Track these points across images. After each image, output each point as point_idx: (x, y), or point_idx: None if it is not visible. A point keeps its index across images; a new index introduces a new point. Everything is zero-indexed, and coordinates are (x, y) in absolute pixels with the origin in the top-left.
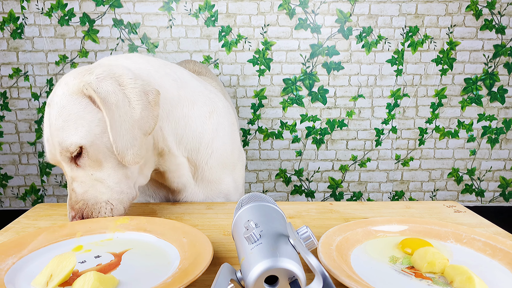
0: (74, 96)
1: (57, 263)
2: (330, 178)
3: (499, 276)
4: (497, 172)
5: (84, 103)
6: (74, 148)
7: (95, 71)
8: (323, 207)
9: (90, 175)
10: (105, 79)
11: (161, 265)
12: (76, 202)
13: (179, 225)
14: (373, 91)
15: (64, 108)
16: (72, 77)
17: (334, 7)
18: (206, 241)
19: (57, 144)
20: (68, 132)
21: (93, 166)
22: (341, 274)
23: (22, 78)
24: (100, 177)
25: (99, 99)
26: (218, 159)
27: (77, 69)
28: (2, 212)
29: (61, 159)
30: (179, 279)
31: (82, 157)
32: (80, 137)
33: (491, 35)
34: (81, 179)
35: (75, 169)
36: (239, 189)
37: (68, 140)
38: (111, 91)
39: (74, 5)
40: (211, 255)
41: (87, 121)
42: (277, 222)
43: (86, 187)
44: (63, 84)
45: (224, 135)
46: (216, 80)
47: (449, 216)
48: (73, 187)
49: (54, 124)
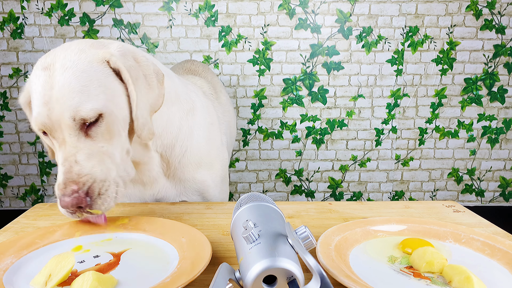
0: (95, 63)
1: (56, 263)
2: (330, 178)
3: (497, 275)
4: (497, 172)
5: (106, 72)
6: (93, 113)
7: (112, 45)
8: (322, 207)
9: (99, 147)
10: (126, 54)
11: (160, 265)
12: (80, 175)
13: (178, 225)
14: (373, 91)
15: (83, 72)
16: (87, 45)
17: (334, 7)
18: (205, 241)
19: (68, 107)
20: (88, 96)
21: (105, 138)
22: (340, 274)
23: (22, 78)
24: (110, 151)
25: (127, 72)
26: (192, 159)
27: (88, 40)
28: (2, 212)
29: (68, 126)
30: (177, 279)
31: (97, 126)
32: (102, 104)
33: (491, 35)
34: (89, 151)
35: (82, 139)
36: (217, 187)
37: (89, 104)
38: (133, 66)
39: (74, 5)
40: (210, 255)
41: (109, 89)
42: (276, 222)
43: (94, 160)
44: (78, 51)
45: (199, 135)
46: (213, 80)
47: (448, 216)
48: (77, 158)
49: (67, 86)
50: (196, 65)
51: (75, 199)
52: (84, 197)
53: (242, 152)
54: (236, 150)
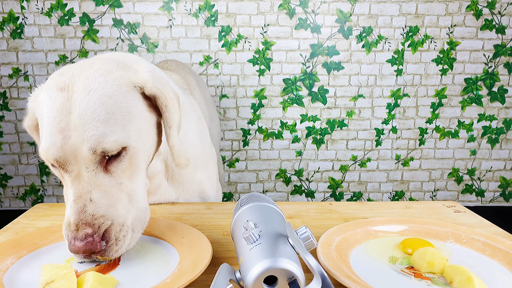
0: (124, 87)
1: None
2: (330, 178)
3: (498, 276)
4: (497, 172)
5: (135, 98)
6: (117, 147)
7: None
8: (322, 207)
9: (118, 185)
10: (158, 77)
11: (160, 265)
12: (95, 217)
13: (178, 225)
14: (373, 91)
15: (111, 97)
16: (113, 66)
17: (334, 7)
18: (205, 241)
19: (90, 137)
20: (113, 126)
21: (126, 174)
22: (341, 274)
23: (22, 78)
24: (130, 189)
25: (165, 98)
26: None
27: (109, 58)
28: (2, 212)
29: (85, 158)
30: (178, 279)
31: (119, 160)
32: (128, 135)
33: (491, 35)
34: (106, 188)
35: (101, 175)
36: (214, 186)
37: (113, 136)
38: (168, 90)
39: (74, 5)
40: (210, 255)
41: (138, 118)
42: (276, 222)
43: (112, 199)
44: (105, 72)
45: (192, 135)
46: (186, 77)
47: (449, 216)
48: (92, 196)
49: (90, 113)
50: (169, 64)
51: (89, 244)
52: (99, 241)
53: (242, 152)
54: (236, 150)
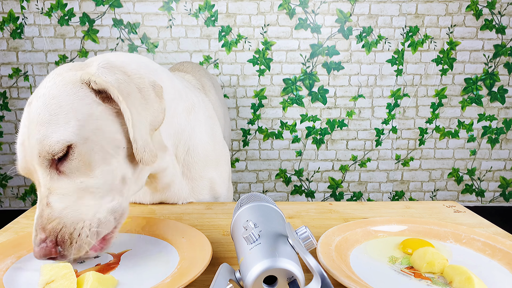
0: (69, 85)
1: (55, 278)
2: (330, 178)
3: (498, 276)
4: (497, 172)
5: (82, 93)
6: (60, 146)
7: (94, 62)
8: (322, 207)
9: (77, 184)
10: (112, 68)
11: (160, 265)
12: (50, 220)
13: (178, 225)
14: (373, 91)
15: (53, 99)
16: (66, 69)
17: (334, 7)
18: (205, 241)
19: (36, 143)
20: (55, 126)
21: (83, 172)
22: (340, 274)
23: (22, 78)
24: (91, 185)
25: (114, 88)
26: (196, 157)
27: (69, 64)
28: (2, 212)
29: (38, 165)
30: (178, 279)
31: (69, 159)
32: (71, 133)
33: (491, 35)
34: (63, 190)
35: (55, 178)
36: (225, 184)
37: (54, 136)
38: (122, 80)
39: (74, 5)
40: (210, 255)
41: (83, 114)
42: (276, 222)
43: (68, 201)
44: (54, 75)
45: (201, 132)
46: (201, 79)
47: (449, 216)
48: (49, 201)
49: (36, 119)
50: (185, 65)
51: (43, 250)
52: (53, 246)
53: (242, 152)
54: (236, 150)
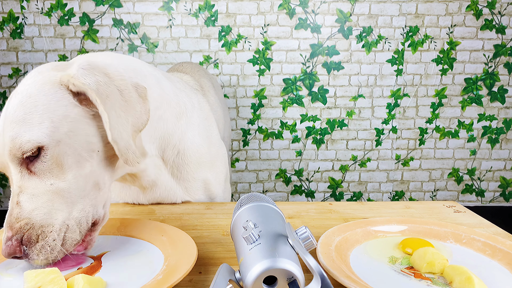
0: (47, 85)
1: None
2: (330, 178)
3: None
4: (497, 172)
5: (59, 95)
6: (30, 146)
7: (75, 63)
8: (322, 207)
9: (48, 186)
10: (92, 70)
11: (144, 264)
12: (18, 219)
13: (155, 224)
14: (373, 91)
15: (30, 98)
16: (47, 68)
17: (334, 7)
18: (185, 236)
19: (8, 141)
20: (28, 125)
21: (54, 173)
22: (340, 275)
23: (22, 78)
24: (61, 189)
25: (92, 91)
26: (188, 159)
27: (52, 62)
28: (2, 212)
29: (10, 161)
30: (170, 275)
31: (40, 160)
32: (44, 134)
33: (491, 35)
34: (33, 190)
35: (26, 177)
36: (221, 185)
37: (26, 135)
38: (102, 82)
39: (74, 5)
40: (195, 248)
41: (58, 115)
42: (276, 222)
43: (37, 202)
44: (35, 73)
45: (194, 135)
46: (200, 79)
47: (449, 216)
48: (19, 199)
49: (11, 115)
50: (184, 66)
51: (7, 248)
52: (17, 245)
53: (242, 152)
54: (236, 150)
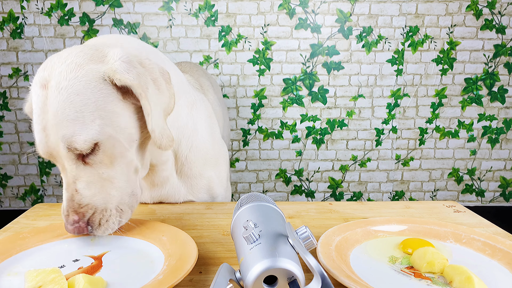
0: (93, 82)
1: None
2: (330, 178)
3: (498, 276)
4: (498, 172)
5: (106, 91)
6: (88, 145)
7: (112, 54)
8: (322, 207)
9: (99, 174)
10: (131, 62)
11: (145, 264)
12: (81, 205)
13: (154, 224)
14: (373, 91)
15: (78, 95)
16: (84, 59)
17: (334, 6)
18: (185, 236)
19: (62, 137)
20: (81, 124)
21: (105, 163)
22: (340, 274)
23: (22, 78)
24: (111, 176)
25: (137, 86)
26: (198, 154)
27: (83, 48)
28: (2, 212)
29: (65, 156)
30: (170, 275)
31: (94, 154)
32: (98, 132)
33: (491, 35)
34: (88, 178)
35: (81, 167)
36: (223, 184)
37: (82, 135)
38: (141, 74)
39: (74, 5)
40: (195, 248)
41: (107, 112)
42: (276, 222)
43: (95, 188)
44: (76, 66)
45: (202, 129)
46: (199, 79)
47: (449, 216)
48: (77, 187)
49: (61, 113)
50: (183, 65)
51: (77, 229)
52: (85, 226)
53: (242, 152)
54: (236, 150)
